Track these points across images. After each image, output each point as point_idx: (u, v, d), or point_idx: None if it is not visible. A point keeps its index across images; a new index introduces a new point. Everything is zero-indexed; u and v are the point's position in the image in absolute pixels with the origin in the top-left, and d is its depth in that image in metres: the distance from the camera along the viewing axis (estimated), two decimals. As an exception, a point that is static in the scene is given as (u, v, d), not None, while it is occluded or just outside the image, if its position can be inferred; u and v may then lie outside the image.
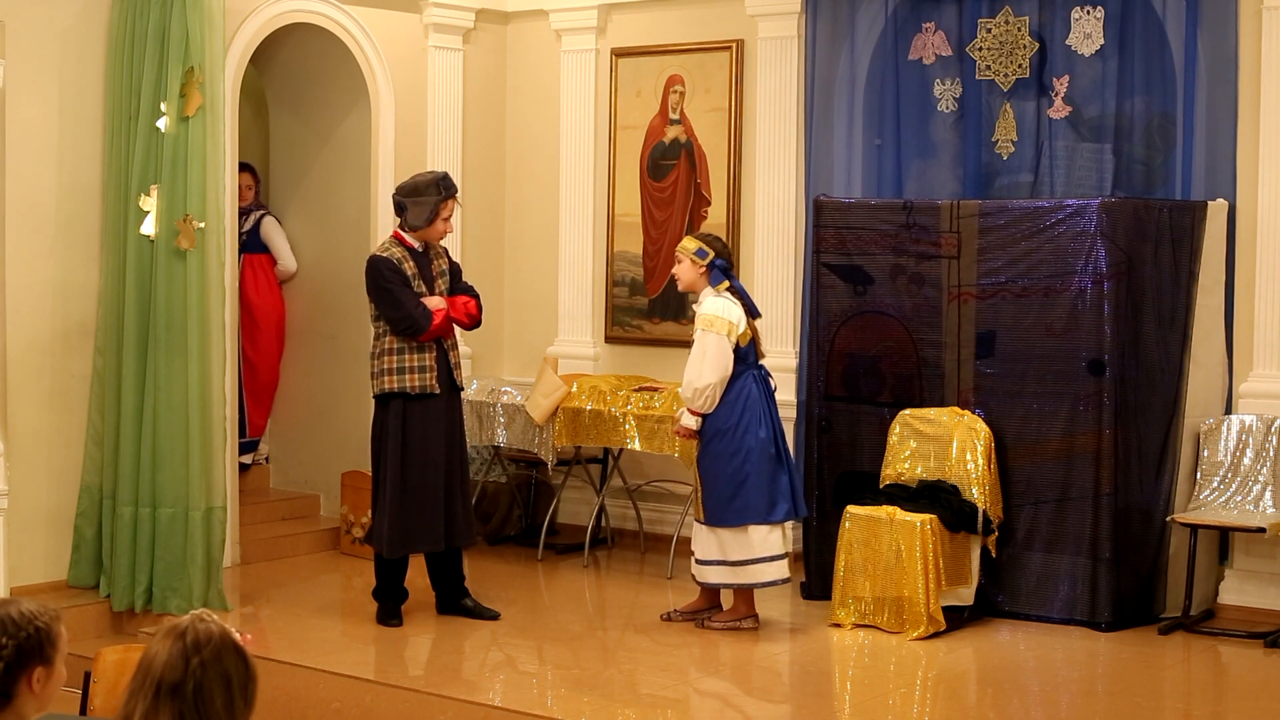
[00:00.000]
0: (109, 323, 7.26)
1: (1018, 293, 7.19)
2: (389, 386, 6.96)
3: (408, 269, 6.98)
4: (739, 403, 6.87)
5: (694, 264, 6.95)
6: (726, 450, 6.87)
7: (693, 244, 7.02)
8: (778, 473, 6.91)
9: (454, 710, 5.92)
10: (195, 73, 7.07)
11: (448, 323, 7.04)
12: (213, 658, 2.73)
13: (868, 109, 8.29)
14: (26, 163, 7.21)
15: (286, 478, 9.32)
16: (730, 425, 6.87)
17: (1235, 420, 7.19)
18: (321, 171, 9.15)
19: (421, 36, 9.10)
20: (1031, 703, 6.13)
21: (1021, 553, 7.21)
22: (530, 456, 8.71)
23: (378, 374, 7.00)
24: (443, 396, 7.04)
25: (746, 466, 6.85)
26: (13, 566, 7.02)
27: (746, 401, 6.88)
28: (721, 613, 7.11)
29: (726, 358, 6.84)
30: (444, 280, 7.13)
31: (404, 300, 6.92)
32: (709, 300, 6.93)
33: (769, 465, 6.88)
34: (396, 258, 6.98)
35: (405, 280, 6.95)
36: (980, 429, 7.17)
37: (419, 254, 7.05)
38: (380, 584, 7.19)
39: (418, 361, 6.97)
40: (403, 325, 6.92)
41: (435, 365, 6.99)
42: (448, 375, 7.06)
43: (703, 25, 8.80)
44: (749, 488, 6.86)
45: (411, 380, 6.95)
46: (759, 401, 6.92)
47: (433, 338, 6.98)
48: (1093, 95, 7.67)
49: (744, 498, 6.85)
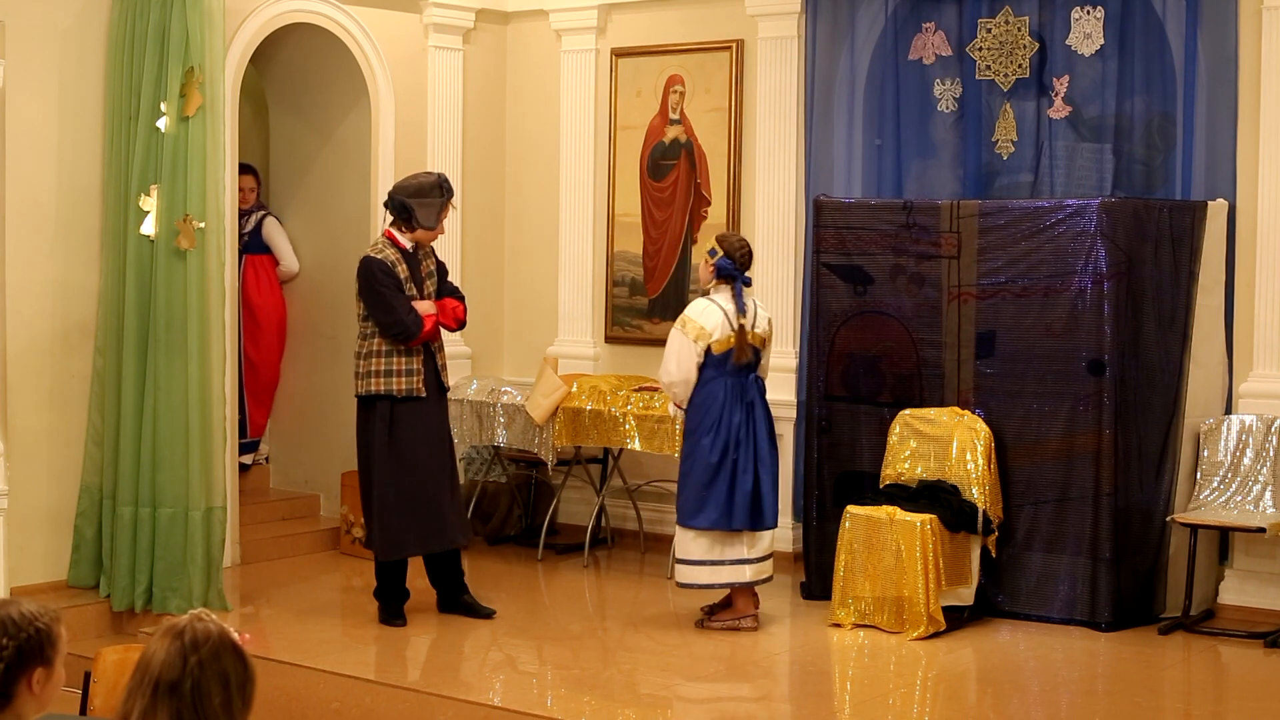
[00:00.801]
0: (109, 323, 7.26)
1: (1018, 293, 7.19)
2: (375, 389, 6.94)
3: (401, 272, 6.96)
4: (702, 407, 6.96)
5: (706, 262, 7.09)
6: (686, 452, 7.04)
7: (711, 243, 7.16)
8: (716, 481, 6.94)
9: (454, 710, 5.92)
10: (195, 73, 7.07)
11: (436, 328, 7.04)
12: (210, 657, 2.73)
13: (868, 109, 8.29)
14: (26, 163, 7.21)
15: (286, 478, 9.32)
16: (691, 427, 7.01)
17: (1235, 420, 7.19)
18: (321, 171, 9.15)
19: (421, 36, 9.10)
20: (1031, 703, 6.13)
21: (1021, 553, 7.21)
22: (530, 456, 8.71)
23: (363, 375, 6.97)
24: (430, 399, 7.03)
25: (694, 470, 6.96)
26: (13, 566, 7.02)
27: (708, 408, 6.95)
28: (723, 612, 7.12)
29: (689, 359, 6.93)
30: (432, 281, 7.12)
31: (396, 306, 6.89)
32: (694, 301, 7.11)
33: (707, 474, 6.92)
34: (391, 260, 6.95)
35: (398, 284, 6.93)
36: (980, 429, 7.17)
37: (410, 255, 7.03)
38: (380, 585, 7.19)
39: (405, 365, 6.95)
40: (394, 330, 6.89)
41: (422, 369, 6.98)
42: (435, 378, 7.06)
43: (703, 25, 8.80)
44: (710, 492, 6.93)
45: (399, 383, 6.94)
46: (721, 408, 6.94)
47: (421, 343, 6.99)
48: (1093, 95, 7.67)
49: (701, 500, 6.95)
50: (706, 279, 7.10)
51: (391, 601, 7.16)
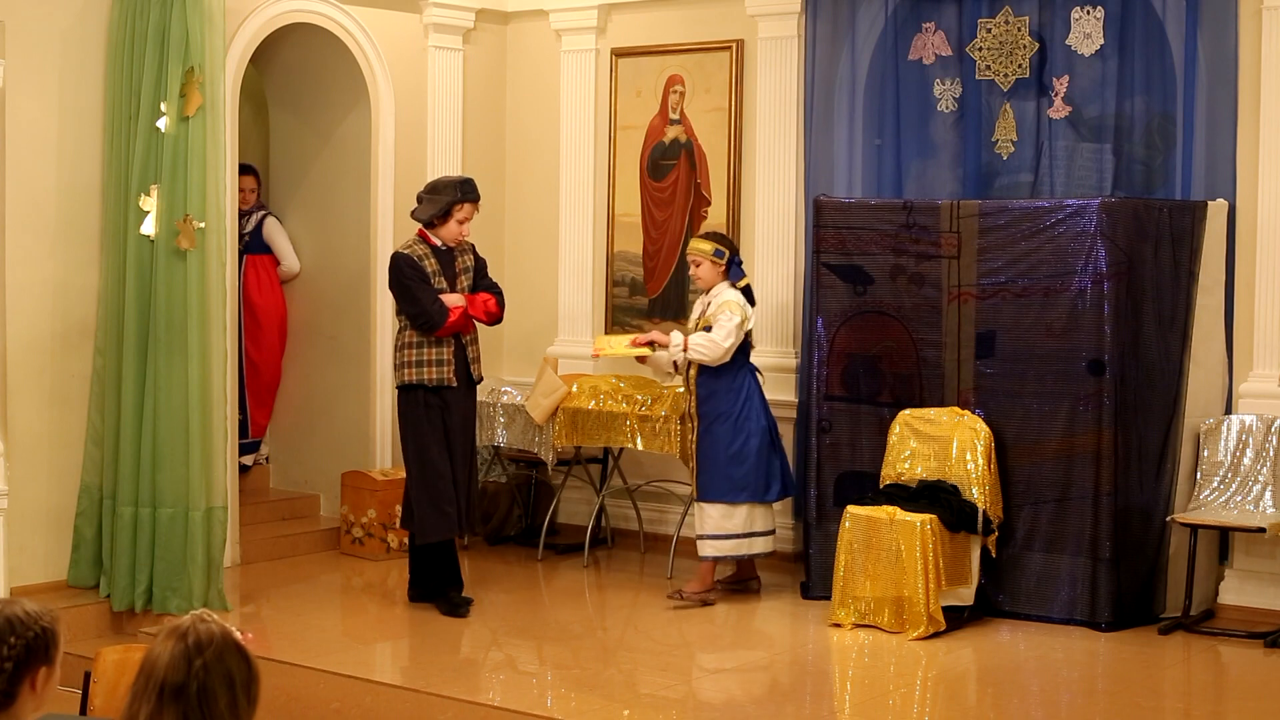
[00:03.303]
0: (109, 323, 7.26)
1: (1018, 293, 7.19)
2: (409, 378, 7.26)
3: (428, 266, 7.21)
4: (742, 391, 7.50)
5: (714, 264, 7.48)
6: (728, 434, 7.45)
7: (708, 245, 7.56)
8: (773, 458, 7.56)
9: (454, 710, 5.93)
10: (195, 73, 7.06)
11: (465, 319, 7.25)
12: (215, 658, 2.73)
13: (868, 109, 8.28)
14: (26, 163, 7.21)
15: (286, 478, 9.32)
16: (734, 411, 7.46)
17: (1235, 420, 7.19)
18: (321, 171, 9.15)
19: (421, 36, 9.09)
20: (1031, 703, 6.13)
21: (1021, 553, 7.21)
22: (530, 456, 8.71)
23: (399, 365, 7.32)
24: (460, 390, 7.28)
25: (746, 450, 7.45)
26: (13, 566, 7.02)
27: (748, 391, 7.52)
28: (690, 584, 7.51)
29: (738, 341, 7.43)
30: (467, 277, 7.35)
31: (420, 297, 7.17)
32: (731, 291, 7.47)
33: (767, 451, 7.51)
34: (418, 255, 7.22)
35: (424, 277, 7.18)
36: (980, 429, 7.17)
37: (442, 252, 7.29)
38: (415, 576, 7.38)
39: (435, 355, 7.22)
40: (419, 321, 7.19)
41: (453, 359, 7.25)
42: (465, 369, 7.29)
43: (703, 25, 8.80)
44: (749, 469, 7.46)
45: (429, 373, 7.21)
46: (757, 393, 7.59)
47: (449, 333, 7.21)
48: (1093, 95, 7.67)
49: (744, 477, 7.45)
50: (712, 280, 7.51)
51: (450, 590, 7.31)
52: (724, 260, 7.48)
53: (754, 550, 7.55)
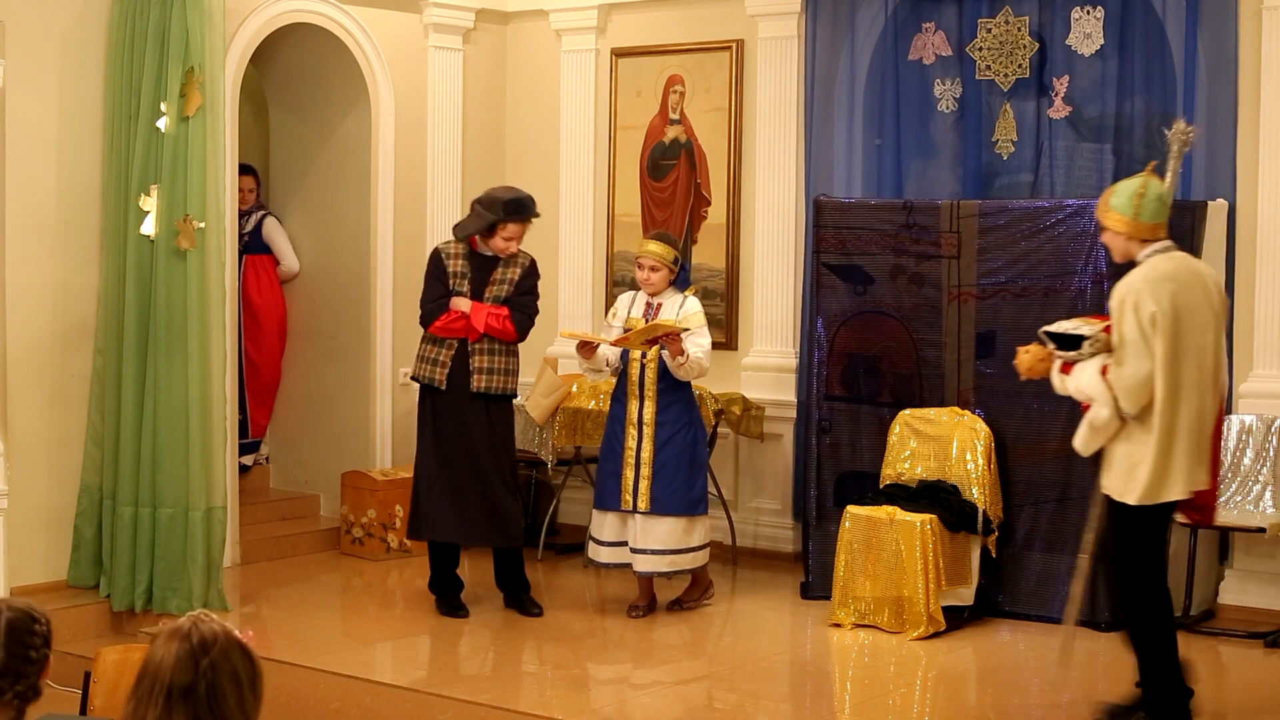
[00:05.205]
0: (109, 323, 7.26)
1: (1018, 293, 7.19)
2: (413, 371, 7.34)
3: (452, 266, 7.18)
4: (693, 402, 7.32)
5: (671, 271, 7.21)
6: (688, 442, 7.21)
7: (669, 252, 7.20)
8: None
9: (454, 710, 5.93)
10: (195, 73, 7.06)
11: (462, 325, 7.11)
12: (221, 657, 2.72)
13: (868, 109, 8.28)
14: (26, 163, 7.21)
15: (286, 478, 9.31)
16: (695, 421, 7.27)
17: (1235, 420, 7.19)
18: (321, 171, 9.14)
19: (421, 36, 9.09)
20: (1031, 703, 6.13)
21: (1021, 553, 7.22)
22: (530, 456, 8.70)
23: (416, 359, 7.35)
24: (452, 395, 7.14)
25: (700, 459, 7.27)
26: (13, 566, 7.02)
27: (695, 402, 7.36)
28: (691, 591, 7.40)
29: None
30: (501, 288, 7.18)
31: (425, 292, 7.23)
32: (693, 301, 7.20)
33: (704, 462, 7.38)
34: (447, 253, 7.24)
35: (441, 274, 7.19)
36: (980, 429, 7.17)
37: (484, 258, 7.20)
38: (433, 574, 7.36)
39: (433, 354, 7.22)
40: (420, 314, 7.25)
41: (449, 363, 7.16)
42: (462, 376, 7.13)
43: (703, 25, 8.80)
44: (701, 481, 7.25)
45: (424, 370, 7.24)
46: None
47: (449, 335, 7.14)
48: (1093, 95, 7.67)
49: (699, 489, 7.23)
50: (663, 286, 7.18)
51: (447, 592, 7.30)
52: (678, 267, 7.22)
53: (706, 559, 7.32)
